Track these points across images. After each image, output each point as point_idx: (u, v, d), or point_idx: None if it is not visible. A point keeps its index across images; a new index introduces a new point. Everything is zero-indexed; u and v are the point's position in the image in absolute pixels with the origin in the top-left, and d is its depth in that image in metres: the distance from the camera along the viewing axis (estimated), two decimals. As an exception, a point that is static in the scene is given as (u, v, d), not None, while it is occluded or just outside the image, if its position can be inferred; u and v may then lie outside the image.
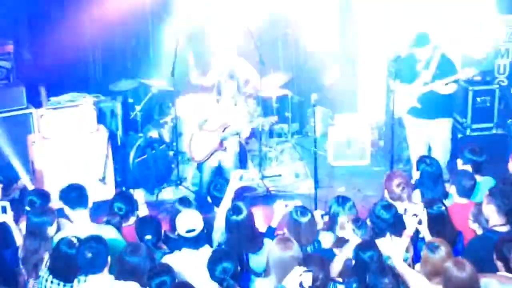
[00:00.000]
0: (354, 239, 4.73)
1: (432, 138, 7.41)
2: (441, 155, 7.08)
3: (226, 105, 7.36)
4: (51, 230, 5.00)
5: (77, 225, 5.05)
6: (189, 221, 4.84)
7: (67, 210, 5.11)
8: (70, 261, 4.53)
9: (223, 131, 7.28)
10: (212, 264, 4.44)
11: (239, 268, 4.48)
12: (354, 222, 4.83)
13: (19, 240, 5.21)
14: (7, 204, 5.24)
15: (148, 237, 4.96)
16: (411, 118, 7.45)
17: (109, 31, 8.62)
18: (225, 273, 4.37)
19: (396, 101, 7.36)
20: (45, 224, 4.97)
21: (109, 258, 4.47)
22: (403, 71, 7.41)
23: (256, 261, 4.91)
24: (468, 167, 5.88)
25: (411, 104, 7.33)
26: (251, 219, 4.94)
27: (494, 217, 5.02)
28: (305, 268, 4.29)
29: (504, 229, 4.97)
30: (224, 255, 4.48)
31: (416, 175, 5.82)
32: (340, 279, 4.59)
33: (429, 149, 7.49)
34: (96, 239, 4.49)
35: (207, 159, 7.33)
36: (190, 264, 4.74)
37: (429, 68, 7.22)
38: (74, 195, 5.08)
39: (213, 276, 4.44)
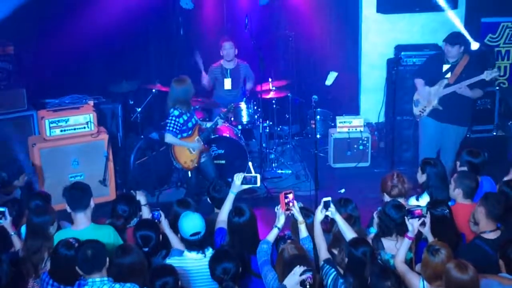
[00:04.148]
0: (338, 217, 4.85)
1: (444, 142, 7.41)
2: (449, 159, 7.09)
3: None
4: (52, 230, 5.02)
5: (78, 226, 5.05)
6: (193, 224, 4.84)
7: (68, 208, 5.09)
8: (69, 263, 4.51)
9: (200, 134, 7.29)
10: (213, 263, 4.46)
11: (240, 269, 4.48)
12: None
13: (17, 244, 5.20)
14: (5, 209, 5.23)
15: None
16: (430, 120, 7.46)
17: (110, 33, 8.62)
18: (225, 274, 4.38)
19: (421, 102, 7.41)
20: (46, 224, 4.99)
21: (107, 260, 4.47)
22: (429, 71, 7.43)
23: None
24: (465, 169, 5.88)
25: (432, 105, 7.33)
26: (253, 221, 4.94)
27: (483, 221, 5.02)
28: (304, 268, 4.30)
29: (493, 235, 4.96)
30: (226, 256, 4.49)
31: (422, 178, 5.82)
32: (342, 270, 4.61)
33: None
34: (94, 241, 4.51)
35: (197, 165, 7.34)
36: (194, 267, 4.76)
37: (454, 71, 7.22)
38: (77, 195, 5.06)
39: (213, 275, 4.46)
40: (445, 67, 7.33)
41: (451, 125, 7.37)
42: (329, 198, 4.91)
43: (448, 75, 7.28)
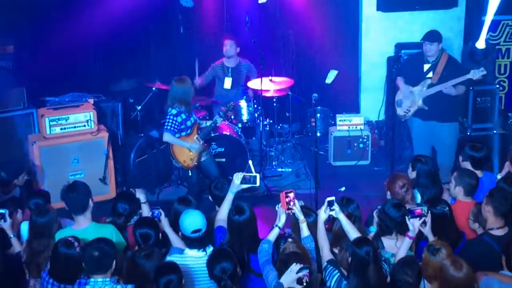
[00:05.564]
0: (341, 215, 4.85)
1: (437, 140, 7.41)
2: (446, 158, 7.08)
3: None
4: (55, 229, 5.03)
5: (79, 225, 5.07)
6: (194, 221, 4.84)
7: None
8: (69, 262, 4.53)
9: (199, 132, 7.29)
10: (211, 263, 4.46)
11: (239, 269, 4.48)
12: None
13: (16, 246, 5.21)
14: (5, 211, 5.23)
15: None
16: (417, 120, 7.45)
17: (110, 31, 8.61)
18: (223, 273, 4.37)
19: (404, 102, 7.41)
20: (51, 223, 5.02)
21: (114, 263, 4.47)
22: (410, 71, 7.43)
23: (258, 261, 4.90)
24: (468, 164, 5.90)
25: (417, 106, 7.33)
26: (253, 220, 4.93)
27: (491, 219, 5.03)
28: (301, 265, 4.29)
29: (501, 232, 4.98)
30: (224, 255, 4.48)
31: (412, 175, 5.81)
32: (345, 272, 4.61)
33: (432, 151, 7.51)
34: (105, 241, 4.52)
35: (197, 164, 7.34)
36: (195, 265, 4.76)
37: (436, 70, 7.23)
38: (74, 199, 5.08)
39: (211, 275, 4.45)
40: (426, 66, 7.35)
41: (440, 123, 7.38)
42: (333, 198, 4.91)
43: (430, 74, 7.29)
